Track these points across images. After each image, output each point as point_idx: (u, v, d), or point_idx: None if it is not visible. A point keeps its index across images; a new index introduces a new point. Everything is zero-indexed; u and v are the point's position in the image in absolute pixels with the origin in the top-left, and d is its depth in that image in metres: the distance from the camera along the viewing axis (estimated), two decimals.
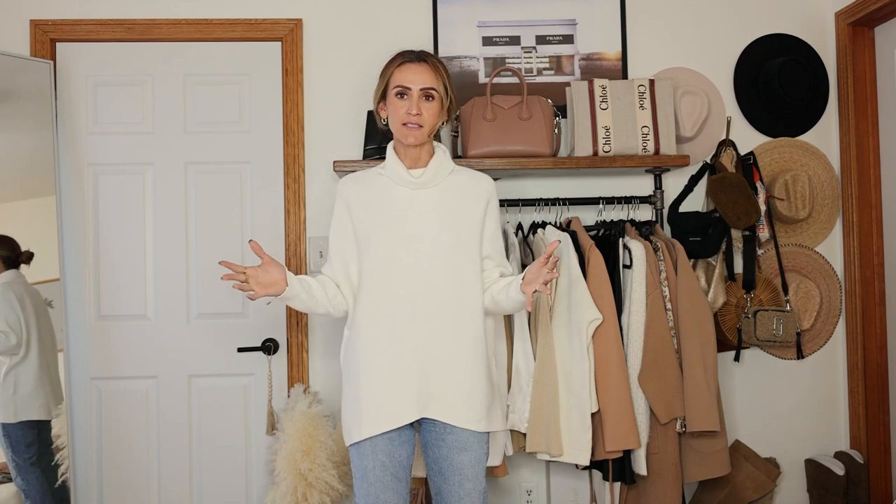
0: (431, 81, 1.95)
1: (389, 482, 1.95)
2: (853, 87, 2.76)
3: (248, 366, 2.72)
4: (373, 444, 1.94)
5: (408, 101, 1.94)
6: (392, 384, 1.93)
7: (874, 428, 2.73)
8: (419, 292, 1.94)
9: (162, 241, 2.71)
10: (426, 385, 1.93)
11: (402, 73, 1.95)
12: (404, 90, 1.94)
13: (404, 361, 1.93)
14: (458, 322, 1.95)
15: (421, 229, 1.97)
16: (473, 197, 2.03)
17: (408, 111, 1.93)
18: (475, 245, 2.01)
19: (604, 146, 2.56)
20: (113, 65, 2.71)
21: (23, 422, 2.46)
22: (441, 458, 1.97)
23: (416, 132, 1.95)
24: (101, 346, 2.69)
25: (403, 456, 1.97)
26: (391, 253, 1.96)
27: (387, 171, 2.04)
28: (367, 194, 2.04)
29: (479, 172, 2.10)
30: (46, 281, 2.55)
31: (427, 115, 1.95)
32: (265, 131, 2.74)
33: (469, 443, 1.96)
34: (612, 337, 2.33)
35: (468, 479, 1.95)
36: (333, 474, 2.43)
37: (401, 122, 1.95)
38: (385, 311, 1.95)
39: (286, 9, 2.74)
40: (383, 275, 1.96)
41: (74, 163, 2.69)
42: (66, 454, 2.57)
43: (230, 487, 2.72)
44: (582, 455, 2.30)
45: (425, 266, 1.95)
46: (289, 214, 2.71)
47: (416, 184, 1.99)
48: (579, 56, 2.79)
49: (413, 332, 1.94)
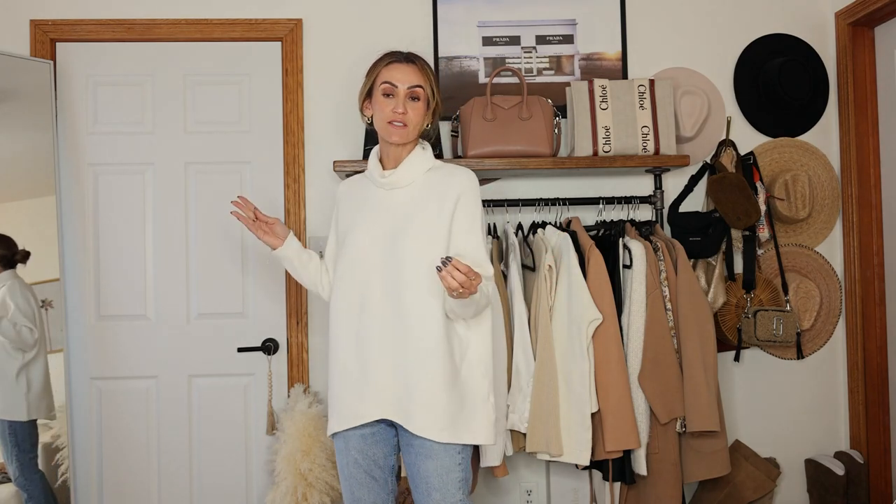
0: (418, 81, 1.96)
1: (364, 480, 1.96)
2: (853, 88, 2.76)
3: (248, 366, 2.72)
4: (345, 440, 1.97)
5: (394, 100, 1.95)
6: (356, 382, 1.94)
7: (874, 428, 2.73)
8: (385, 293, 1.92)
9: (162, 241, 2.71)
10: (389, 387, 1.90)
11: (389, 72, 1.96)
12: (391, 89, 1.95)
13: (367, 361, 1.92)
14: (423, 325, 1.88)
15: (389, 230, 1.95)
16: (443, 194, 1.95)
17: (394, 109, 1.94)
18: (444, 245, 1.92)
19: (604, 146, 2.56)
20: (113, 65, 2.71)
21: (31, 420, 2.47)
22: (410, 465, 1.94)
23: (401, 130, 1.95)
24: (101, 346, 2.69)
25: (379, 455, 1.97)
26: (360, 253, 1.96)
27: (368, 173, 2.08)
28: (352, 196, 2.09)
29: (458, 167, 2.00)
30: (46, 281, 2.55)
31: (412, 115, 1.95)
32: (265, 131, 2.74)
33: (434, 451, 1.88)
34: (612, 337, 2.33)
35: (435, 489, 1.88)
36: (333, 474, 2.43)
37: (386, 121, 1.95)
38: (350, 310, 1.96)
39: (286, 9, 2.74)
40: (351, 275, 1.97)
41: (74, 163, 2.69)
42: (66, 454, 2.58)
43: (230, 487, 2.72)
44: (582, 455, 2.30)
45: (391, 267, 1.92)
46: (289, 214, 2.71)
47: (388, 184, 1.99)
48: (579, 56, 2.79)
49: (377, 333, 1.91)
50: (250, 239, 2.72)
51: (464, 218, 1.94)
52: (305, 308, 2.70)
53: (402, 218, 1.95)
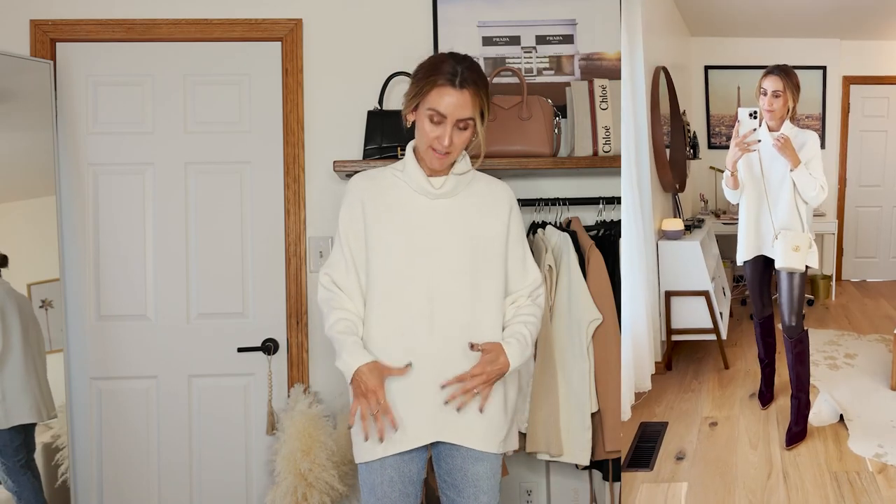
0: (469, 112, 1.79)
1: (398, 498, 1.86)
2: None
3: (248, 366, 2.72)
4: (382, 460, 1.84)
5: (440, 129, 1.79)
6: (407, 404, 1.83)
7: None
8: (436, 307, 1.83)
9: (162, 241, 2.71)
10: (442, 406, 1.83)
11: (439, 98, 1.77)
12: (439, 119, 1.78)
13: (420, 380, 1.83)
14: (476, 339, 1.84)
15: (439, 241, 1.86)
16: (495, 207, 1.93)
17: (438, 138, 1.79)
18: (496, 258, 1.90)
19: (604, 146, 2.56)
20: (113, 65, 2.71)
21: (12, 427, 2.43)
22: (455, 470, 1.87)
23: (442, 159, 1.83)
24: (101, 346, 2.69)
25: (414, 472, 1.89)
26: (407, 264, 1.85)
27: (405, 176, 1.90)
28: (382, 197, 1.90)
29: (497, 179, 1.98)
30: (46, 281, 2.55)
31: (458, 142, 1.82)
32: (265, 131, 2.74)
33: (485, 455, 1.86)
34: (612, 337, 2.33)
35: (483, 492, 1.85)
36: (333, 474, 2.43)
37: (428, 146, 1.82)
38: (400, 327, 1.84)
39: (286, 9, 2.74)
40: (398, 288, 1.85)
41: (74, 163, 2.69)
42: (66, 454, 2.57)
43: (230, 487, 2.72)
44: (582, 455, 2.30)
45: (444, 280, 1.84)
46: (289, 214, 2.71)
47: (436, 194, 1.88)
48: (579, 56, 2.79)
49: (429, 350, 1.83)
50: (250, 239, 2.72)
51: (518, 232, 1.96)
52: (305, 308, 2.70)
53: (454, 229, 1.87)
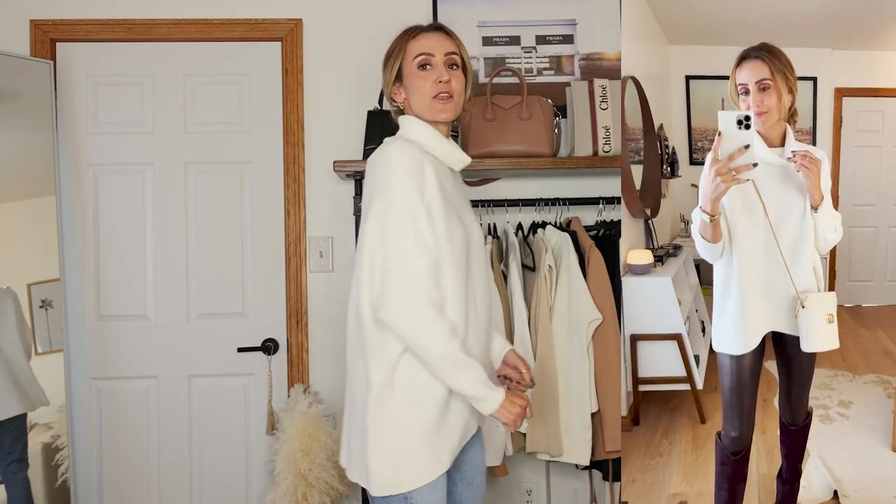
0: (453, 48, 1.74)
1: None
2: None
3: (248, 366, 2.72)
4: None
5: (433, 71, 1.71)
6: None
7: None
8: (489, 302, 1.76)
9: (162, 241, 2.71)
10: None
11: (419, 43, 1.74)
12: (428, 59, 1.71)
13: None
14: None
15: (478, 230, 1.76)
16: None
17: (437, 79, 1.69)
18: None
19: (604, 146, 2.56)
20: (113, 65, 2.71)
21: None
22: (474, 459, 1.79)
23: (448, 104, 1.70)
24: (100, 346, 2.69)
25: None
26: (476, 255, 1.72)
27: (444, 156, 1.71)
28: (442, 182, 1.67)
29: None
30: (46, 281, 2.55)
31: (456, 84, 1.71)
32: (265, 131, 2.74)
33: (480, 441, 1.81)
34: (612, 337, 2.33)
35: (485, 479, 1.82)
36: (333, 474, 2.43)
37: (430, 96, 1.70)
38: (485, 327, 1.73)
39: (286, 9, 2.74)
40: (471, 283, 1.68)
41: (74, 163, 2.69)
42: (66, 454, 2.57)
43: (230, 487, 2.72)
44: (582, 455, 2.30)
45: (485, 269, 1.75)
46: (289, 214, 2.71)
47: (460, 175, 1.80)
48: (579, 56, 2.79)
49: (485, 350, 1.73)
50: (250, 239, 2.72)
51: None
52: (305, 308, 2.70)
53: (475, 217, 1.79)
